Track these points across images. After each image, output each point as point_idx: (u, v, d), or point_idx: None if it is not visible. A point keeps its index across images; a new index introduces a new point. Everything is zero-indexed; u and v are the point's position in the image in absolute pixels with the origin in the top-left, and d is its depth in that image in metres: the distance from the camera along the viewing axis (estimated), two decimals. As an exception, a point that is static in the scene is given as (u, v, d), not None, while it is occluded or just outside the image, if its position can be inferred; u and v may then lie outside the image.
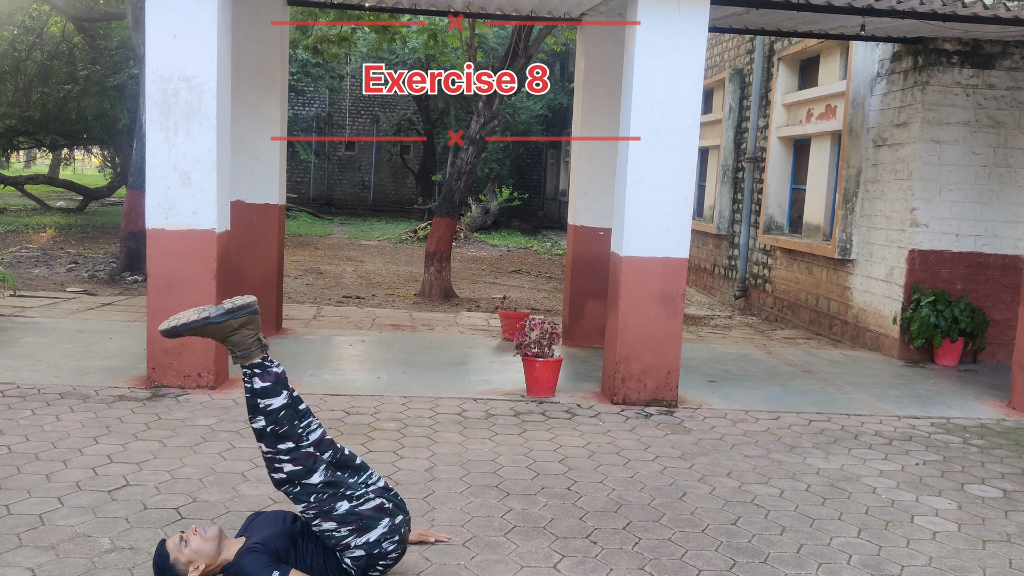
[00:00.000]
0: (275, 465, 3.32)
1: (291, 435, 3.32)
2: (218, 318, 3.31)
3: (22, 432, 5.10)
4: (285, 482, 3.32)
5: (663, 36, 6.20)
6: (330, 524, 3.29)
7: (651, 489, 4.73)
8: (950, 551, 4.13)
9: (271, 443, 3.30)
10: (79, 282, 11.48)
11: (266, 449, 3.32)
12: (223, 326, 3.31)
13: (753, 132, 12.48)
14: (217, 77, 6.04)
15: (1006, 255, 8.67)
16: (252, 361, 3.34)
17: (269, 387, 3.29)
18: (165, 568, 3.24)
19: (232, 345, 3.35)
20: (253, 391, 3.29)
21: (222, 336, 3.34)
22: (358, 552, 3.31)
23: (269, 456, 3.32)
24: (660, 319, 6.37)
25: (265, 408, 3.29)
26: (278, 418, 3.29)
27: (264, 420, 3.29)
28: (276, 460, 3.31)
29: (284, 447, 3.30)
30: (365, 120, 31.86)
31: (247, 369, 3.33)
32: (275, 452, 3.31)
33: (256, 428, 3.31)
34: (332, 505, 3.30)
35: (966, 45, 8.44)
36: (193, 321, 3.31)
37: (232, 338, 3.34)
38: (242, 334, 3.34)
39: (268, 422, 3.29)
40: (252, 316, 3.37)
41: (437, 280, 11.63)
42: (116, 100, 18.00)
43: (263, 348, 3.38)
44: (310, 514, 3.31)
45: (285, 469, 3.30)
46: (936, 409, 6.80)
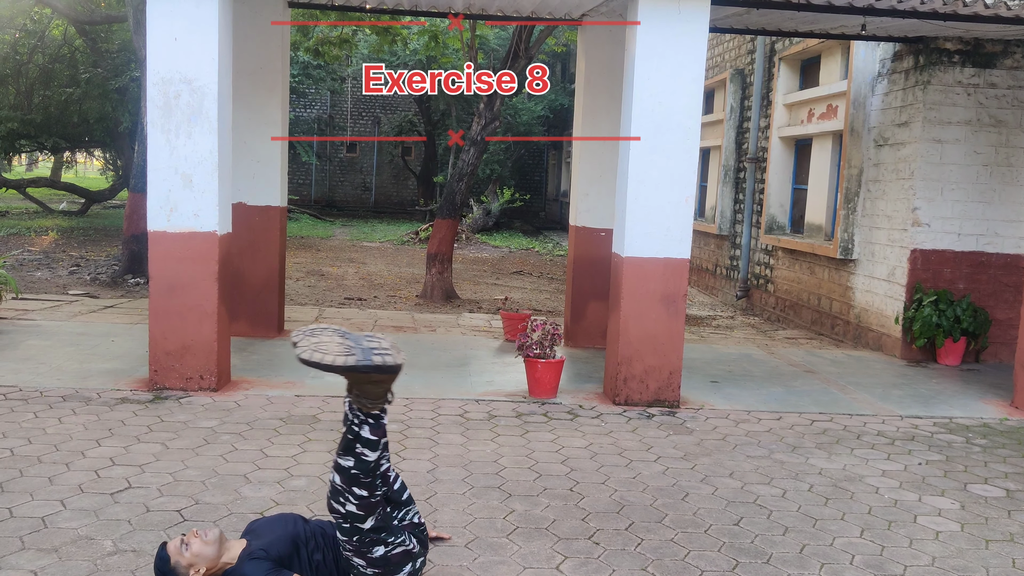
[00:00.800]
0: (340, 499, 3.22)
1: (369, 486, 3.22)
2: (364, 369, 3.08)
3: (24, 435, 5.10)
4: (341, 516, 3.25)
5: (664, 37, 6.20)
6: (360, 561, 3.28)
7: (653, 490, 4.72)
8: (953, 551, 4.12)
9: (348, 482, 3.20)
10: (81, 285, 11.49)
11: (339, 482, 3.21)
12: (363, 376, 3.12)
13: (754, 132, 12.47)
14: (218, 79, 6.04)
15: (1008, 254, 8.66)
16: (372, 412, 3.20)
17: (374, 441, 3.19)
18: (166, 571, 3.24)
19: (362, 393, 3.17)
20: (358, 437, 3.18)
21: (357, 382, 3.15)
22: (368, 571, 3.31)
23: (339, 489, 3.21)
24: (662, 320, 6.36)
25: (359, 455, 3.18)
26: (367, 468, 3.19)
27: (353, 464, 3.18)
28: (343, 496, 3.21)
29: (358, 492, 3.20)
30: (366, 122, 31.88)
31: (362, 415, 3.19)
32: (347, 490, 3.20)
33: (341, 464, 3.20)
34: (370, 549, 3.27)
35: (967, 44, 8.43)
36: (337, 366, 3.07)
37: (366, 387, 3.16)
38: (379, 387, 3.17)
39: (356, 467, 3.18)
40: (395, 376, 3.19)
41: (439, 282, 11.63)
42: (117, 103, 18.03)
43: (387, 402, 3.22)
44: (347, 549, 3.27)
45: (347, 507, 3.21)
46: (939, 409, 6.79)
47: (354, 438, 3.19)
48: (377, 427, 3.20)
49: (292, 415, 5.79)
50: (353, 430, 3.19)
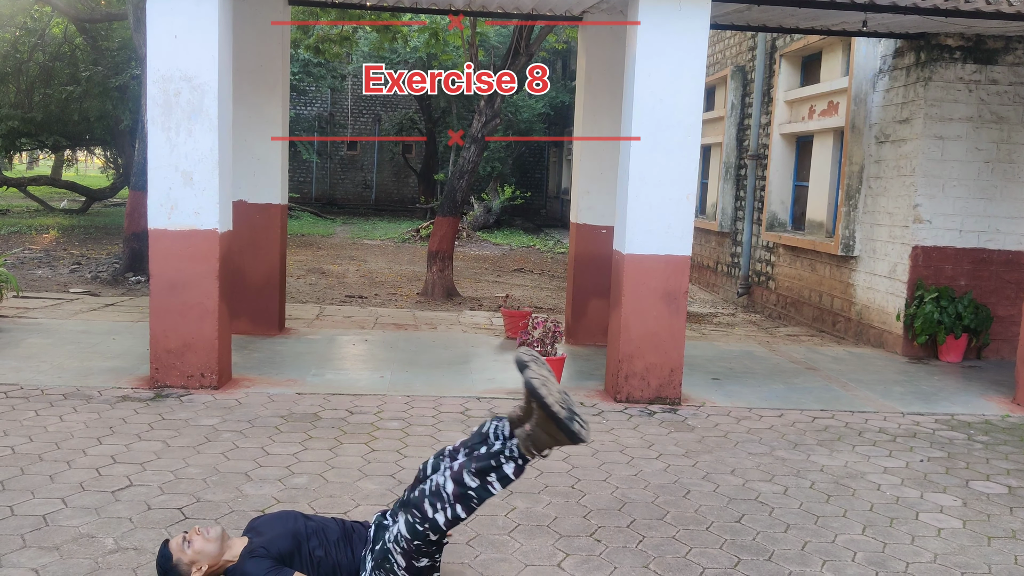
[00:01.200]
0: (437, 505, 3.15)
1: (470, 511, 3.19)
2: (562, 427, 3.09)
3: (26, 433, 5.10)
4: (421, 518, 3.17)
5: (664, 34, 6.19)
6: (401, 562, 3.22)
7: (655, 487, 4.72)
8: (955, 548, 4.12)
9: (458, 498, 3.14)
10: (82, 283, 11.49)
11: (449, 492, 3.15)
12: (555, 429, 3.11)
13: (755, 129, 12.46)
14: (218, 77, 6.03)
15: (1010, 251, 8.65)
16: (527, 456, 3.18)
17: (510, 480, 3.18)
18: (168, 568, 3.24)
19: (537, 439, 3.14)
20: (499, 469, 3.15)
21: (545, 430, 3.12)
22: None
23: (444, 496, 3.15)
24: (663, 317, 6.36)
25: (488, 484, 3.14)
26: (483, 498, 3.17)
27: (476, 487, 3.14)
28: (442, 504, 3.14)
29: (458, 511, 3.16)
30: (367, 120, 31.87)
31: (517, 453, 3.17)
32: (451, 504, 3.14)
33: (464, 480, 3.15)
34: (419, 557, 3.21)
35: (968, 41, 8.42)
36: (551, 410, 3.08)
37: (546, 438, 3.13)
38: (553, 443, 3.16)
39: (476, 493, 3.15)
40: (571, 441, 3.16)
41: (440, 279, 11.62)
42: (118, 101, 18.02)
43: (544, 456, 3.21)
44: (399, 545, 3.21)
45: (436, 515, 3.15)
46: (940, 406, 6.79)
47: (494, 467, 3.16)
48: (519, 470, 3.18)
49: (293, 413, 5.79)
50: (498, 460, 3.16)
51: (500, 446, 3.20)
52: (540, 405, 3.10)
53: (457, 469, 3.20)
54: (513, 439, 3.21)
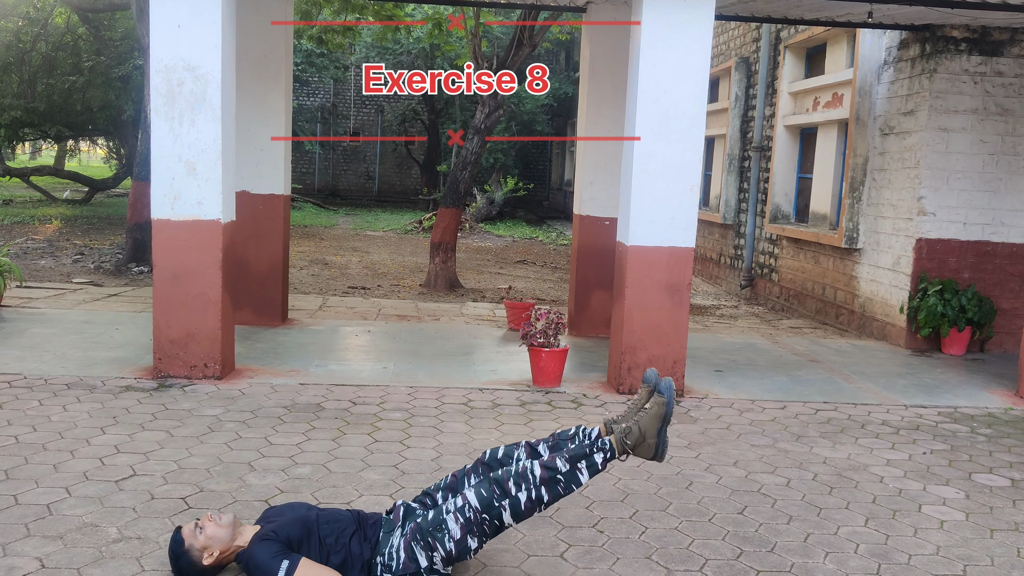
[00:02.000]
0: (522, 485, 3.24)
1: (552, 500, 3.28)
2: (667, 420, 3.36)
3: (29, 422, 5.11)
4: (501, 494, 3.23)
5: (669, 24, 6.17)
6: (457, 533, 3.20)
7: (657, 478, 4.72)
8: (958, 540, 4.12)
9: (544, 481, 3.25)
10: (85, 273, 11.50)
11: (538, 475, 3.25)
12: (658, 421, 3.34)
13: (759, 121, 12.43)
14: (222, 67, 6.02)
15: (1014, 244, 8.63)
16: (616, 450, 3.35)
17: (598, 472, 3.33)
18: (180, 554, 3.26)
19: (633, 431, 3.34)
20: (589, 457, 3.30)
21: (647, 423, 3.35)
22: (415, 561, 3.23)
23: (530, 479, 3.24)
24: (666, 309, 6.35)
25: (577, 471, 3.27)
26: (569, 486, 3.28)
27: (565, 472, 3.26)
28: (528, 486, 3.24)
29: (542, 494, 3.25)
30: (370, 111, 31.81)
31: (613, 447, 3.33)
32: (535, 486, 3.24)
33: (556, 465, 3.27)
34: (473, 537, 3.23)
35: (974, 32, 8.38)
36: (670, 403, 3.36)
37: (642, 430, 3.34)
38: (644, 440, 3.35)
39: (564, 478, 3.26)
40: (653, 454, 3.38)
41: (442, 271, 11.62)
42: (121, 91, 17.99)
43: (624, 455, 3.38)
44: (460, 518, 3.21)
45: (519, 495, 3.23)
46: (943, 398, 6.78)
47: (586, 455, 3.31)
48: (606, 462, 3.34)
49: (296, 403, 5.79)
50: (590, 449, 3.32)
51: (590, 441, 3.39)
52: (666, 401, 3.35)
53: (548, 456, 3.34)
54: (600, 438, 3.40)
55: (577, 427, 3.55)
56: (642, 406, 3.46)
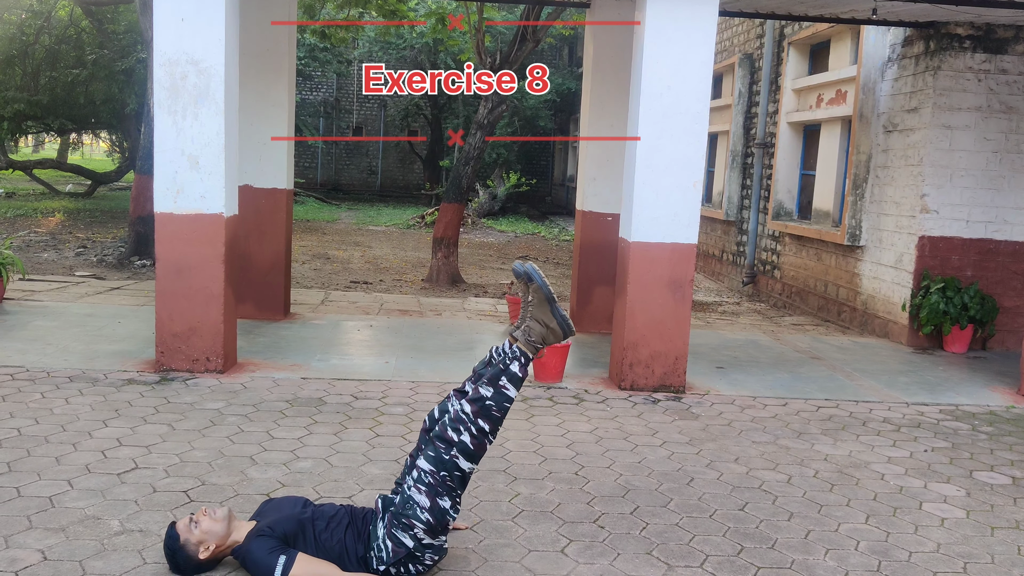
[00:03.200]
0: (459, 427, 3.34)
1: (494, 422, 3.39)
2: (553, 301, 3.52)
3: (32, 415, 5.12)
4: (448, 444, 3.33)
5: (673, 20, 6.16)
6: (424, 501, 3.27)
7: (659, 474, 4.73)
8: (958, 538, 4.12)
9: (477, 413, 3.36)
10: (88, 266, 11.51)
11: (468, 411, 3.36)
12: (547, 305, 3.49)
13: (762, 117, 12.41)
14: (225, 61, 6.02)
15: (1017, 242, 8.62)
16: (528, 350, 3.48)
17: (520, 379, 3.45)
18: (176, 548, 3.27)
19: (532, 330, 3.50)
20: (506, 371, 3.43)
21: (538, 310, 3.50)
22: (408, 542, 3.26)
23: (464, 418, 3.35)
24: (668, 305, 6.35)
25: (502, 388, 3.40)
26: (501, 405, 3.39)
27: (492, 395, 3.38)
28: (465, 425, 3.34)
29: (481, 424, 3.36)
30: (373, 106, 31.79)
31: (518, 352, 3.46)
32: (472, 421, 3.35)
33: (480, 394, 3.40)
34: (444, 492, 3.30)
35: (978, 30, 8.36)
36: (543, 285, 3.51)
37: (538, 322, 3.50)
38: (543, 330, 3.50)
39: (493, 399, 3.38)
40: (560, 333, 3.53)
41: (444, 266, 11.62)
42: (124, 84, 17.98)
43: (537, 353, 3.53)
44: (426, 480, 3.28)
45: (461, 438, 3.33)
46: (945, 396, 6.78)
47: (503, 370, 3.43)
48: (524, 368, 3.45)
49: (298, 397, 5.80)
50: (504, 363, 3.44)
51: (504, 354, 3.48)
52: (539, 286, 3.50)
53: (471, 392, 3.45)
54: (515, 344, 3.50)
55: (491, 349, 3.60)
56: (527, 302, 3.57)
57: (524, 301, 3.58)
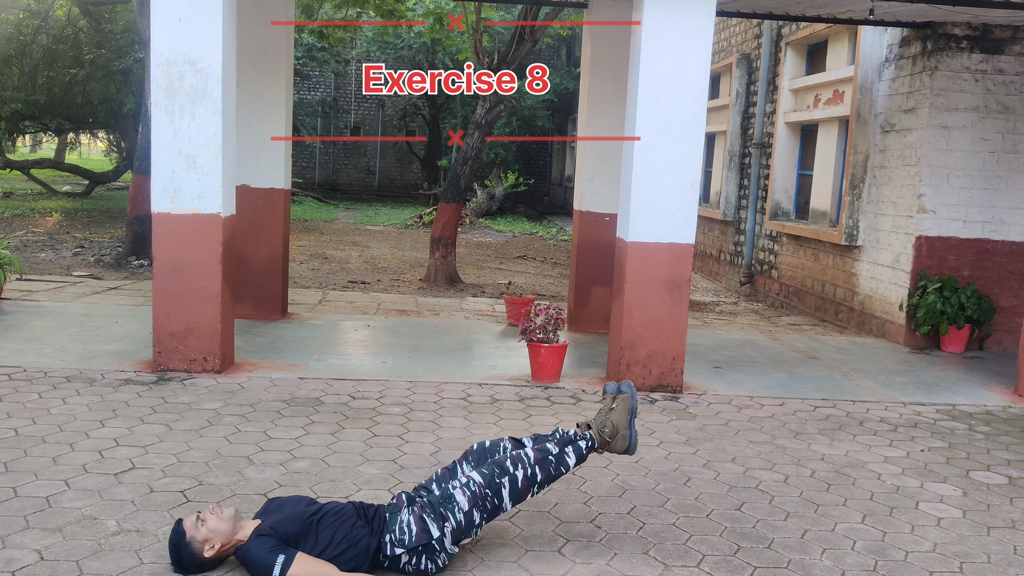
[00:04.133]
0: (501, 481, 3.49)
1: (528, 495, 3.58)
2: (634, 414, 3.82)
3: (29, 415, 5.12)
4: (489, 486, 3.47)
5: (670, 20, 6.16)
6: (465, 505, 3.41)
7: (656, 474, 4.73)
8: (955, 537, 4.13)
9: (526, 479, 3.53)
10: (85, 266, 11.51)
11: (521, 476, 3.52)
12: (628, 414, 3.78)
13: (760, 117, 12.42)
14: (222, 61, 6.02)
15: (1014, 242, 8.63)
16: (595, 442, 3.73)
17: (573, 464, 3.66)
18: (181, 546, 3.27)
19: (607, 422, 3.75)
20: (577, 451, 3.67)
21: (619, 415, 3.77)
22: (428, 532, 3.36)
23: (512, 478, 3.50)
24: (665, 305, 6.36)
25: (555, 467, 3.60)
26: (547, 480, 3.59)
27: (540, 470, 3.56)
28: (511, 484, 3.50)
29: (521, 488, 3.53)
30: (371, 105, 31.78)
31: (588, 438, 3.71)
32: (515, 482, 3.51)
33: (537, 459, 3.57)
34: (483, 510, 3.47)
35: (975, 30, 8.37)
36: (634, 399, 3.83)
37: (614, 423, 3.76)
38: (618, 431, 3.76)
39: (543, 471, 3.56)
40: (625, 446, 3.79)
41: (442, 265, 11.62)
42: (121, 84, 17.98)
43: (602, 446, 3.76)
44: (469, 490, 3.42)
45: (503, 494, 3.49)
46: (942, 396, 6.79)
47: (571, 442, 3.69)
48: (588, 450, 3.72)
49: (295, 397, 5.80)
50: (574, 438, 3.71)
51: (572, 434, 3.74)
52: (631, 395, 3.80)
53: (537, 443, 3.68)
54: (585, 432, 3.76)
55: (555, 429, 3.84)
56: (610, 408, 3.81)
57: (606, 407, 3.81)
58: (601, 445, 3.73)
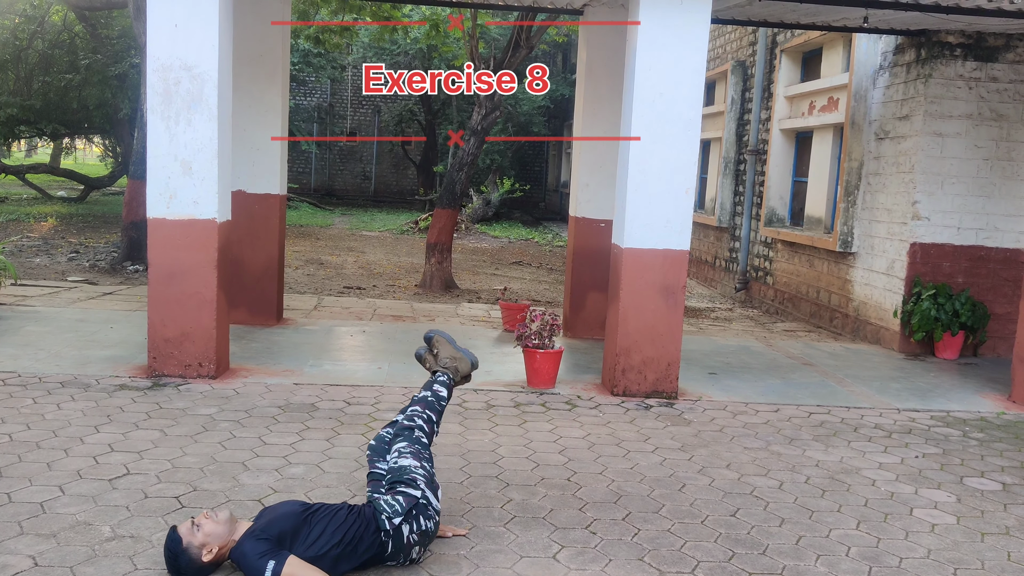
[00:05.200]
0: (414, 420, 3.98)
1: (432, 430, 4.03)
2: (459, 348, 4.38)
3: (23, 420, 5.11)
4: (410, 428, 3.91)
5: (665, 27, 6.19)
6: (414, 462, 3.71)
7: (650, 480, 4.73)
8: (949, 544, 4.13)
9: (422, 413, 4.01)
10: (80, 271, 11.49)
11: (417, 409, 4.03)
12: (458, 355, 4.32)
13: (755, 124, 12.45)
14: (218, 66, 6.02)
15: (1007, 249, 8.67)
16: (455, 380, 4.28)
17: (446, 402, 4.16)
18: (179, 552, 3.25)
19: (449, 365, 4.28)
20: (439, 397, 4.13)
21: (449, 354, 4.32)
22: (415, 492, 3.56)
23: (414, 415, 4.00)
24: (661, 311, 6.37)
25: (436, 402, 4.10)
26: (437, 415, 4.08)
27: (427, 409, 4.05)
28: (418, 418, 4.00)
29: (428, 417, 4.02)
30: (367, 111, 31.78)
31: (447, 381, 4.23)
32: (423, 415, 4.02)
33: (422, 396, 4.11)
34: (424, 456, 3.79)
35: (969, 38, 8.41)
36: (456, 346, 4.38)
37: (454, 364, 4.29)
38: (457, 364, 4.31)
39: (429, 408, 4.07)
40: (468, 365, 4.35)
41: (438, 271, 11.63)
42: (117, 89, 17.98)
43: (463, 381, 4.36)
44: (407, 449, 3.77)
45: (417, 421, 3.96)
46: (936, 402, 6.80)
47: (432, 382, 4.18)
48: (448, 384, 4.21)
49: (290, 403, 5.79)
50: (438, 395, 4.13)
51: (430, 380, 4.24)
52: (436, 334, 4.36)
53: (413, 402, 4.11)
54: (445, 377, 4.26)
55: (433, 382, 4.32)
56: (434, 353, 4.34)
57: (432, 355, 4.34)
58: (454, 375, 4.24)
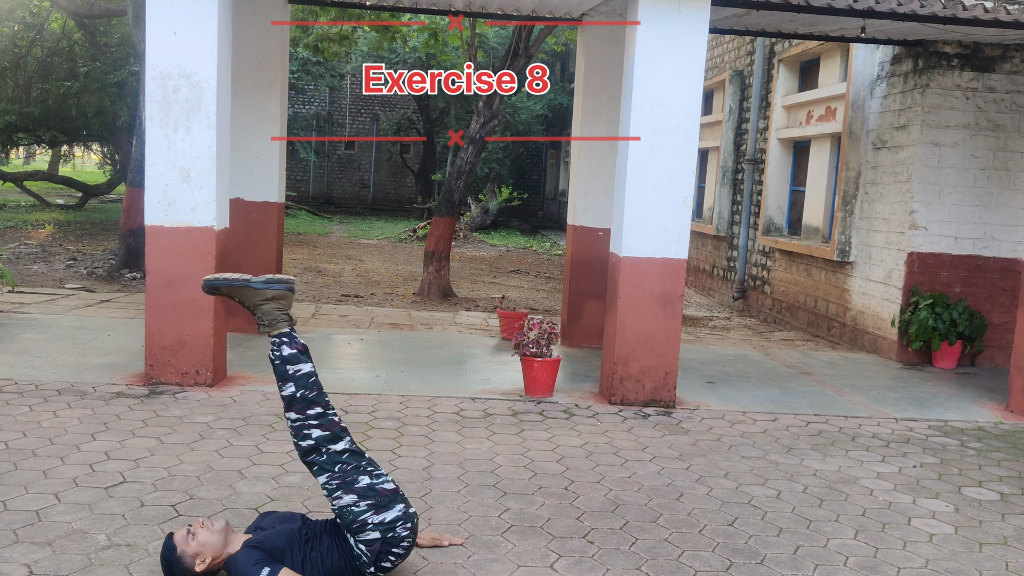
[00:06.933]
0: (304, 432, 3.44)
1: (319, 401, 3.48)
2: (257, 283, 3.56)
3: (19, 428, 5.09)
4: (312, 450, 3.43)
5: (663, 37, 6.20)
6: (350, 497, 3.36)
7: (648, 489, 4.73)
8: (947, 553, 4.13)
9: (300, 408, 3.45)
10: (78, 279, 11.48)
11: (295, 417, 3.45)
12: (258, 292, 3.55)
13: (753, 134, 12.48)
14: (217, 74, 6.03)
15: (1005, 258, 8.68)
16: (279, 331, 3.56)
17: (296, 354, 3.52)
18: (172, 560, 3.25)
19: (261, 314, 3.56)
20: (282, 358, 3.51)
21: (253, 303, 3.56)
22: (373, 534, 3.32)
23: (298, 424, 3.45)
24: (659, 320, 6.37)
25: (295, 374, 3.48)
26: (308, 383, 3.48)
27: (294, 386, 3.46)
28: (305, 427, 3.44)
29: (313, 412, 3.45)
30: (365, 119, 31.84)
31: (275, 338, 3.54)
32: (304, 418, 3.45)
33: (286, 395, 3.48)
34: (354, 477, 3.40)
35: (966, 48, 8.44)
36: (234, 279, 3.56)
37: (263, 307, 3.57)
38: (272, 305, 3.57)
39: (298, 387, 3.46)
40: (286, 292, 3.61)
41: (436, 279, 11.62)
42: (116, 97, 17.99)
43: (290, 322, 3.61)
44: (332, 485, 3.38)
45: (313, 435, 3.43)
46: (934, 412, 6.80)
47: (282, 362, 3.51)
48: (292, 342, 3.55)
49: (288, 411, 5.78)
50: (278, 356, 3.52)
51: (272, 350, 3.56)
52: (229, 288, 3.56)
53: (283, 400, 3.51)
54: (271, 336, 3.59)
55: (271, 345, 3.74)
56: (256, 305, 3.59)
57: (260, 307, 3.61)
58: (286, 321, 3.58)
